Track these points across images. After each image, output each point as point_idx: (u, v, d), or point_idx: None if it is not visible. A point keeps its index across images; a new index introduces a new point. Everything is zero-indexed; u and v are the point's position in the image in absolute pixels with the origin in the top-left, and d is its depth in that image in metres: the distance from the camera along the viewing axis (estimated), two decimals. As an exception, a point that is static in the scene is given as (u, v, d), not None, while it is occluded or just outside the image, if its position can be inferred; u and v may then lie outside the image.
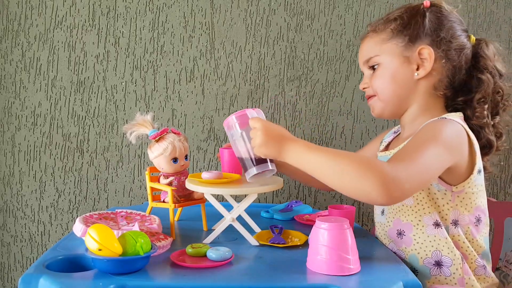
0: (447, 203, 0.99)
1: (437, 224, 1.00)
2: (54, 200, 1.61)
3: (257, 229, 1.16)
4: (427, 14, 1.04)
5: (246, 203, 1.07)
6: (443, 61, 1.03)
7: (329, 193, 1.63)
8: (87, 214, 1.06)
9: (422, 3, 1.07)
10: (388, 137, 1.20)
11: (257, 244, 1.06)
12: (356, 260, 0.90)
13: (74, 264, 0.94)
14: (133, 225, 1.01)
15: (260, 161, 0.99)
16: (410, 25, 1.04)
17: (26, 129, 1.59)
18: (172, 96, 1.59)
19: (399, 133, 1.16)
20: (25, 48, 1.57)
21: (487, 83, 1.04)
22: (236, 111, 1.59)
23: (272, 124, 0.97)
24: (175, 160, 1.16)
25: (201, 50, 1.59)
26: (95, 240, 0.85)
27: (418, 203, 1.01)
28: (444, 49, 1.02)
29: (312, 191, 1.63)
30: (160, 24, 1.58)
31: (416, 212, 1.01)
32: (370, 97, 1.11)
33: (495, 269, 1.25)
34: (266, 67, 1.60)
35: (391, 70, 1.05)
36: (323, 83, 1.60)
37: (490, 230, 1.64)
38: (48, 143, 1.59)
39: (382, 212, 1.11)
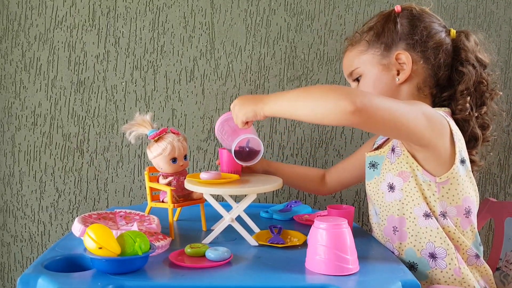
0: (433, 195, 0.99)
1: (427, 215, 1.00)
2: (54, 200, 1.61)
3: (256, 229, 1.16)
4: (398, 19, 1.06)
5: (245, 203, 1.07)
6: (421, 62, 1.04)
7: (329, 193, 1.63)
8: (86, 214, 1.06)
9: (393, 9, 1.09)
10: (380, 139, 1.20)
11: (256, 244, 1.06)
12: (355, 260, 0.90)
13: (72, 264, 0.94)
14: (132, 225, 1.01)
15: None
16: (383, 33, 1.07)
17: (26, 129, 1.59)
18: (172, 96, 1.59)
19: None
20: (25, 48, 1.57)
21: (468, 75, 1.05)
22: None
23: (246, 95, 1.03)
24: (174, 160, 1.15)
25: (201, 50, 1.59)
26: (94, 240, 0.85)
27: (407, 195, 1.01)
28: (421, 50, 1.04)
29: (312, 191, 1.63)
30: (160, 24, 1.58)
31: (406, 204, 1.02)
32: None
33: (495, 269, 1.25)
34: (266, 67, 1.60)
35: (372, 79, 1.08)
36: (323, 83, 1.60)
37: (490, 230, 1.65)
38: (48, 143, 1.59)
39: (376, 213, 1.11)
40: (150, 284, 0.84)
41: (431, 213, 1.00)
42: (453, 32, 1.08)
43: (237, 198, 1.41)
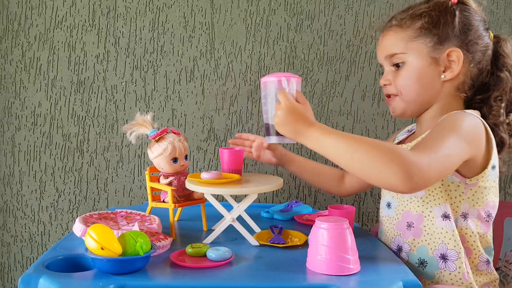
0: (460, 195, 0.99)
1: (445, 216, 0.99)
2: (54, 200, 1.61)
3: (257, 229, 1.16)
4: (457, 12, 1.00)
5: (246, 203, 1.07)
6: (471, 65, 1.01)
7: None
8: (87, 214, 1.06)
9: (451, 1, 1.02)
10: (401, 135, 1.19)
11: (257, 244, 1.06)
12: (356, 260, 0.90)
13: (74, 264, 0.94)
14: (133, 225, 1.01)
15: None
16: (439, 24, 1.00)
17: (26, 129, 1.59)
18: (172, 96, 1.59)
19: (413, 132, 1.15)
20: (25, 48, 1.57)
21: (505, 81, 1.02)
22: (236, 111, 1.60)
23: (297, 104, 0.95)
24: (175, 160, 1.16)
25: (201, 50, 1.59)
26: (95, 240, 0.85)
27: (429, 194, 1.01)
28: (472, 50, 1.00)
29: (312, 191, 1.63)
30: (160, 24, 1.58)
31: (427, 203, 1.01)
32: (390, 95, 1.09)
33: (495, 269, 1.25)
34: (266, 67, 1.60)
35: (417, 71, 1.02)
36: (323, 83, 1.60)
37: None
38: (48, 143, 1.59)
39: (389, 205, 1.10)
40: (151, 284, 0.84)
41: (450, 215, 0.99)
42: (491, 34, 1.05)
43: (238, 198, 1.42)
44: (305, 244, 1.04)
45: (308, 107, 0.97)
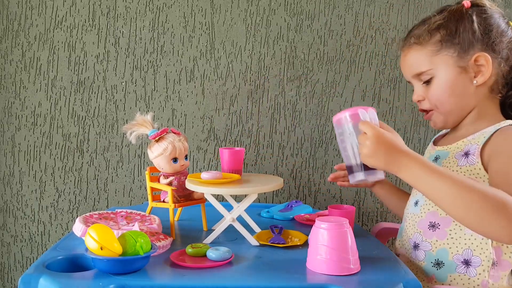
0: None
1: None
2: (54, 200, 1.61)
3: (257, 229, 1.16)
4: (474, 17, 0.99)
5: (246, 203, 1.07)
6: (501, 64, 0.99)
7: (329, 193, 1.63)
8: (87, 214, 1.07)
9: (462, 4, 1.01)
10: (435, 137, 1.18)
11: (257, 244, 1.06)
12: (356, 260, 0.90)
13: (74, 264, 0.94)
14: (133, 225, 1.01)
15: (369, 167, 0.92)
16: (458, 33, 0.99)
17: (26, 129, 1.59)
18: (172, 96, 1.59)
19: (447, 132, 1.13)
20: (25, 48, 1.57)
21: None
22: (236, 111, 1.60)
23: (385, 132, 0.90)
24: (175, 160, 1.16)
25: (201, 50, 1.59)
26: (95, 240, 0.85)
27: None
28: (498, 49, 0.99)
29: (312, 191, 1.63)
30: (160, 24, 1.58)
31: None
32: (427, 111, 1.06)
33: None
34: (266, 67, 1.60)
35: (448, 83, 1.00)
36: (323, 83, 1.60)
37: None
38: (48, 143, 1.59)
39: (416, 203, 1.07)
40: (151, 284, 0.84)
41: None
42: (511, 23, 1.03)
43: (238, 198, 1.42)
44: (305, 244, 1.04)
45: (397, 135, 0.91)
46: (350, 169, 0.94)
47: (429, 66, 1.01)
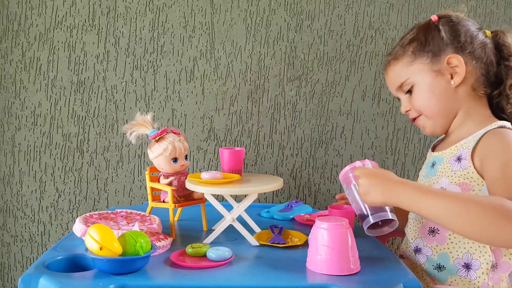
0: None
1: None
2: (54, 200, 1.61)
3: (257, 229, 1.16)
4: (440, 26, 1.05)
5: (246, 203, 1.07)
6: (473, 62, 1.03)
7: (329, 193, 1.63)
8: (87, 214, 1.07)
9: (430, 19, 1.08)
10: (435, 142, 1.19)
11: (257, 244, 1.06)
12: (356, 260, 0.90)
13: (74, 264, 0.94)
14: (133, 225, 1.01)
15: (376, 210, 0.94)
16: (428, 42, 1.05)
17: (26, 129, 1.59)
18: (172, 96, 1.59)
19: (444, 137, 1.15)
20: (25, 48, 1.57)
21: None
22: (236, 111, 1.60)
23: (376, 169, 0.95)
24: (175, 160, 1.16)
25: (201, 50, 1.59)
26: (95, 240, 0.85)
27: None
28: (469, 51, 1.03)
29: (312, 191, 1.63)
30: (160, 24, 1.58)
31: None
32: (415, 118, 1.11)
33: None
34: (266, 67, 1.60)
35: (427, 86, 1.05)
36: (323, 83, 1.60)
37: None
38: (48, 143, 1.59)
39: None
40: (152, 284, 0.84)
41: None
42: (488, 32, 1.08)
43: (238, 198, 1.42)
44: (305, 244, 1.04)
45: (389, 172, 0.94)
46: (361, 218, 0.96)
47: (406, 75, 1.07)
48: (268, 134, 1.61)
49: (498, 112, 1.06)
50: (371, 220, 0.93)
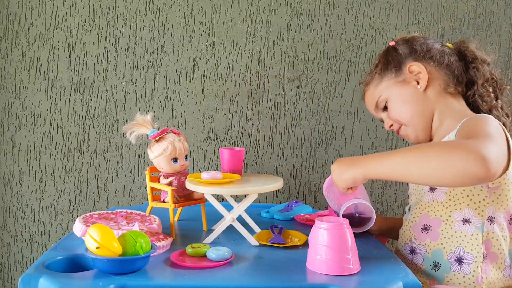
0: (483, 199, 1.00)
1: (466, 221, 1.00)
2: (54, 200, 1.61)
3: (257, 229, 1.16)
4: (397, 47, 1.16)
5: (246, 203, 1.07)
6: (434, 65, 1.11)
7: (329, 193, 1.63)
8: (87, 214, 1.06)
9: (389, 45, 1.19)
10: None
11: (257, 244, 1.06)
12: (356, 260, 0.90)
13: (74, 264, 0.94)
14: (133, 225, 1.01)
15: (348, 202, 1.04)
16: (389, 61, 1.15)
17: (26, 129, 1.59)
18: (172, 96, 1.59)
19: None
20: (25, 48, 1.57)
21: (481, 69, 1.12)
22: (236, 111, 1.60)
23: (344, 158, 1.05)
24: (175, 160, 1.16)
25: (201, 50, 1.59)
26: (95, 240, 0.85)
27: (450, 199, 1.02)
28: (428, 57, 1.11)
29: (312, 191, 1.63)
30: (160, 24, 1.58)
31: (447, 208, 1.02)
32: (397, 130, 1.17)
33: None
34: (266, 67, 1.60)
35: (398, 97, 1.13)
36: (323, 83, 1.60)
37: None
38: (48, 143, 1.59)
39: (409, 209, 1.12)
40: (151, 284, 0.84)
41: (471, 220, 1.00)
42: (449, 45, 1.17)
43: (238, 198, 1.42)
44: (305, 244, 1.04)
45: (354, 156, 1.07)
46: (351, 220, 1.02)
47: (378, 94, 1.16)
48: (268, 134, 1.61)
49: (475, 112, 1.11)
50: (344, 207, 1.02)
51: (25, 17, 1.56)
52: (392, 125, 1.17)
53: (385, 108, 1.16)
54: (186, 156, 1.18)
